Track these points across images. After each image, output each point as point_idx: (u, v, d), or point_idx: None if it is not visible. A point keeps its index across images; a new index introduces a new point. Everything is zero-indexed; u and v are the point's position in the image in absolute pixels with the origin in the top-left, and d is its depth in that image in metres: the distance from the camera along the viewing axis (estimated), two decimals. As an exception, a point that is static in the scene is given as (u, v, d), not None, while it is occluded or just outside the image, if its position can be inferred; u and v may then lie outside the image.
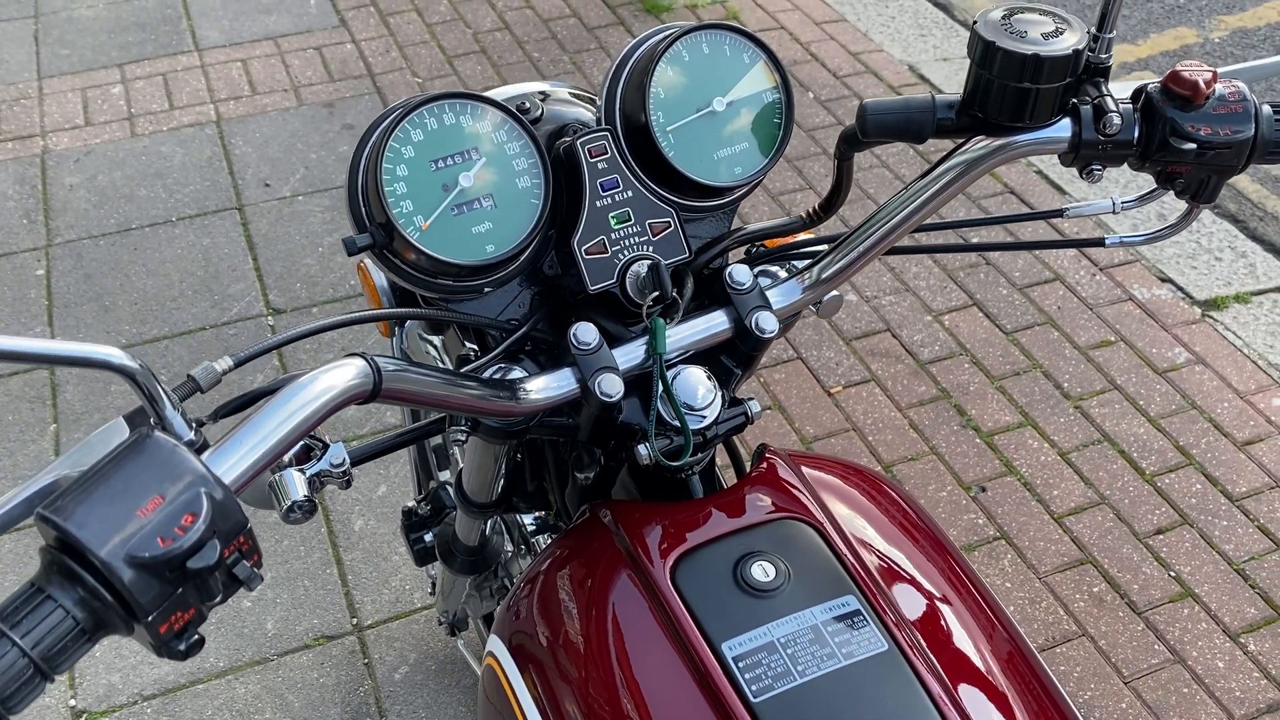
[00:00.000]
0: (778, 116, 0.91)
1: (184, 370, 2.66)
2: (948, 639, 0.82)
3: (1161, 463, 2.47)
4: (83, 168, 3.29)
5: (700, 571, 0.82)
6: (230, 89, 3.61)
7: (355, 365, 0.68)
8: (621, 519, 0.87)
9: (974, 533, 2.33)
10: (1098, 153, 0.80)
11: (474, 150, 0.84)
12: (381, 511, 2.36)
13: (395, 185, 0.81)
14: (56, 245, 3.02)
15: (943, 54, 3.78)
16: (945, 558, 0.90)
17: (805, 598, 0.80)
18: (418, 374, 0.73)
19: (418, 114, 0.82)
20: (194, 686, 2.06)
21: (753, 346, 0.88)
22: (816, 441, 2.49)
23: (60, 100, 3.56)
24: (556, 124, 0.95)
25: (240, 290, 2.89)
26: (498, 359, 0.86)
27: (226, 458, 0.61)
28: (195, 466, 0.56)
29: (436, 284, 0.85)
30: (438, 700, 2.06)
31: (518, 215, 0.84)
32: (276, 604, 2.20)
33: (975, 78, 0.80)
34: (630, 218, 0.88)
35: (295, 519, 0.81)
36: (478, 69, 3.67)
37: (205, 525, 0.55)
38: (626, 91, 0.89)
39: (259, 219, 3.11)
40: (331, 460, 0.81)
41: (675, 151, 0.88)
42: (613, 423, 0.86)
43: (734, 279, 0.88)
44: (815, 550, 0.84)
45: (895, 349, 2.73)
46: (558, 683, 0.84)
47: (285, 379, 0.66)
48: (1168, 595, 2.22)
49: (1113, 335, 2.77)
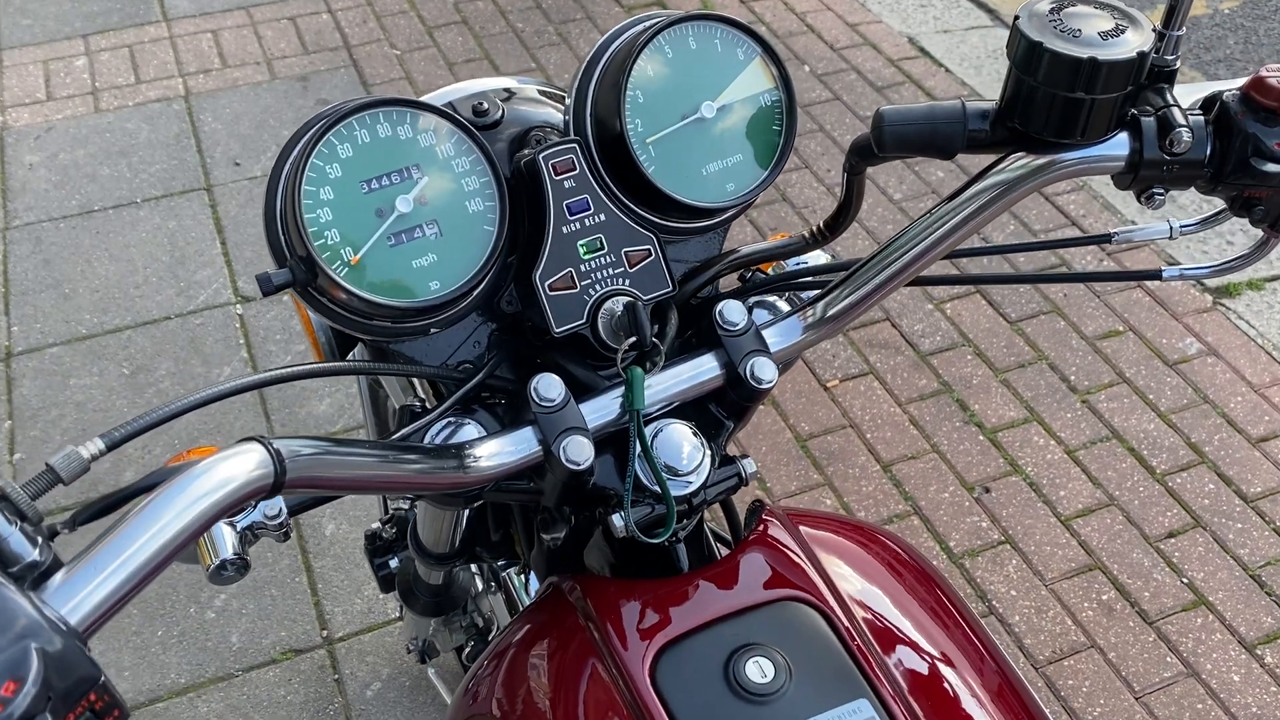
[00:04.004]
0: (777, 122, 0.78)
1: (146, 364, 2.52)
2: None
3: (1173, 461, 2.36)
4: (43, 145, 3.13)
5: (685, 668, 0.69)
6: (200, 62, 3.44)
7: (252, 454, 0.54)
8: (593, 598, 0.75)
9: (977, 537, 2.21)
10: (1161, 174, 0.67)
11: (414, 168, 0.70)
12: (354, 515, 2.23)
13: (318, 212, 0.67)
14: (14, 228, 2.87)
15: (944, 26, 3.63)
16: (964, 633, 0.78)
17: (810, 703, 0.67)
18: (339, 456, 0.60)
19: (345, 125, 0.68)
20: (152, 706, 1.95)
21: (747, 397, 0.75)
22: (812, 439, 2.37)
23: (20, 73, 3.39)
24: (521, 128, 0.82)
25: (207, 276, 2.75)
26: (447, 413, 0.73)
27: (78, 588, 0.48)
28: (23, 611, 0.43)
29: (371, 326, 0.72)
30: (411, 719, 1.95)
31: (468, 245, 0.71)
32: (242, 615, 2.08)
33: (1015, 83, 0.67)
34: (603, 245, 0.74)
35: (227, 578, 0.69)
36: (459, 40, 3.51)
37: (35, 692, 0.42)
38: (599, 95, 0.75)
39: (228, 200, 2.96)
40: (266, 511, 0.69)
41: (656, 167, 0.74)
42: (584, 488, 0.73)
43: (725, 318, 0.75)
44: (821, 640, 0.71)
45: (895, 339, 2.60)
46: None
47: (163, 472, 0.53)
48: (1180, 603, 2.11)
49: (1121, 325, 2.65)
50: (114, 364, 2.53)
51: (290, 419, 2.40)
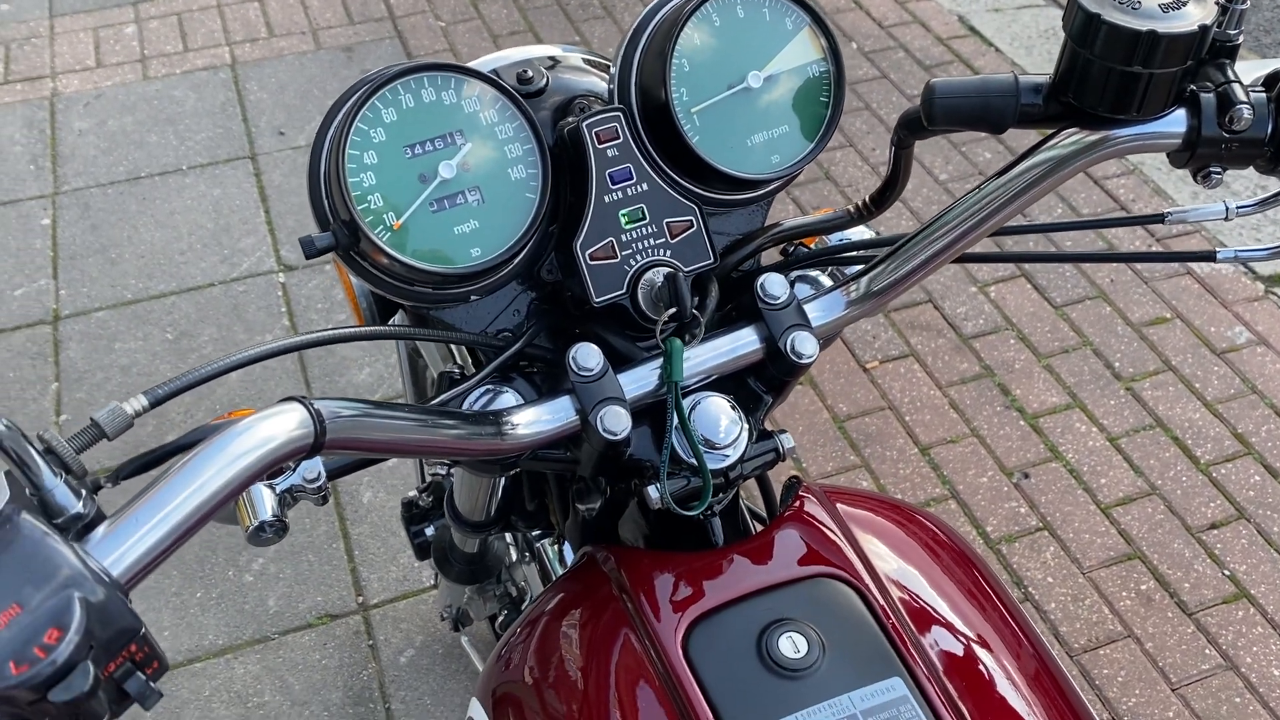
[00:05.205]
0: (825, 94, 0.77)
1: (190, 330, 2.55)
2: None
3: (1218, 451, 2.32)
4: (92, 111, 3.17)
5: (718, 642, 0.69)
6: (247, 30, 3.46)
7: (293, 414, 0.55)
8: (627, 569, 0.74)
9: (1015, 522, 2.19)
10: (1219, 152, 0.65)
11: (458, 133, 0.70)
12: (391, 484, 2.25)
13: (362, 176, 0.67)
14: (64, 193, 2.91)
15: (995, 4, 3.56)
16: (1002, 617, 0.77)
17: (843, 680, 0.67)
18: (377, 418, 0.60)
19: (390, 89, 0.68)
20: (190, 665, 1.98)
21: (786, 372, 0.74)
22: (850, 420, 2.35)
23: (71, 40, 3.43)
24: (565, 96, 0.81)
25: (251, 245, 2.77)
26: (486, 380, 0.73)
27: (119, 541, 0.48)
28: (67, 561, 0.44)
29: (413, 292, 0.72)
30: (444, 687, 1.97)
31: (509, 212, 0.70)
32: (279, 579, 2.11)
33: (1071, 56, 0.65)
34: (644, 216, 0.74)
35: (265, 540, 0.70)
36: (503, 12, 3.50)
37: (77, 640, 0.42)
38: (645, 63, 0.74)
39: (272, 169, 2.98)
40: (305, 474, 0.69)
41: (701, 137, 0.73)
42: (620, 459, 0.73)
43: (766, 291, 0.74)
44: (855, 618, 0.71)
45: (937, 322, 2.57)
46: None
47: (205, 429, 0.54)
48: (1221, 595, 2.08)
49: (1168, 312, 2.60)
50: (158, 329, 2.56)
51: (330, 387, 2.42)
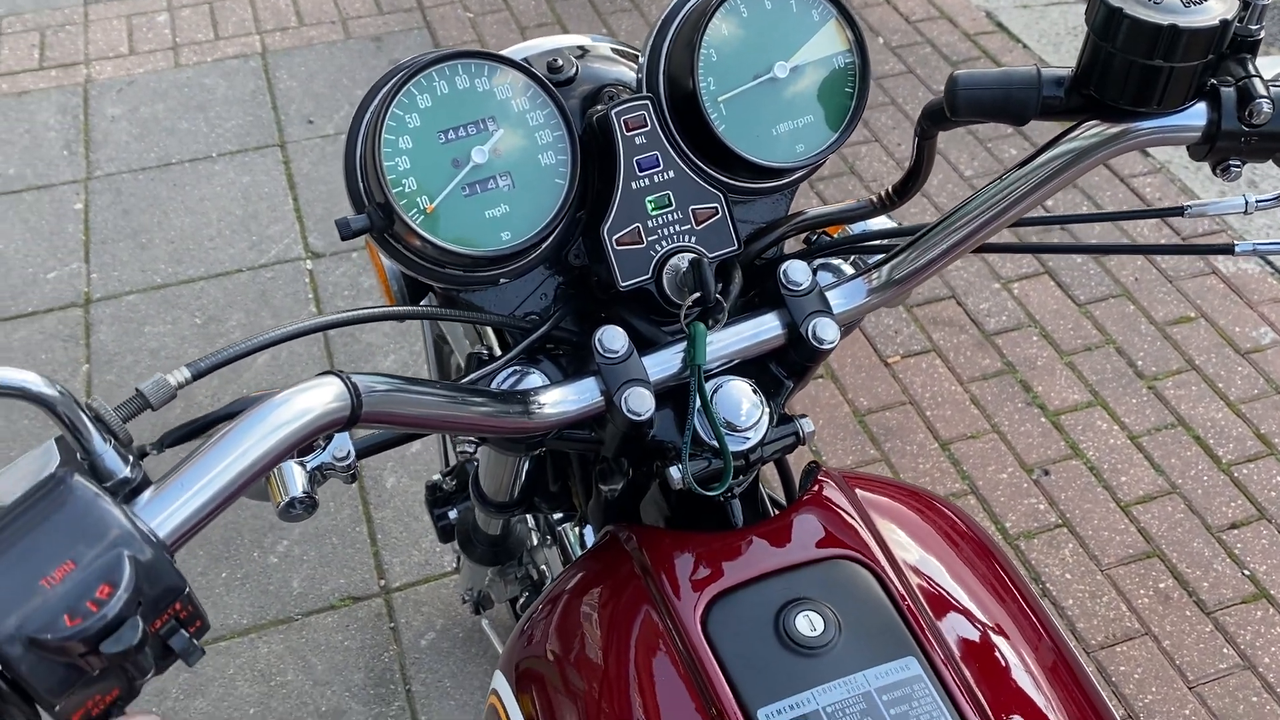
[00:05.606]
0: (850, 85, 0.78)
1: (218, 315, 2.59)
2: (1018, 706, 0.71)
3: (1240, 451, 2.31)
4: (125, 98, 3.21)
5: (736, 619, 0.71)
6: (277, 20, 3.49)
7: (331, 387, 0.57)
8: (648, 547, 0.76)
9: (1034, 519, 2.20)
10: (1238, 145, 0.66)
11: (490, 120, 0.72)
12: (415, 469, 2.28)
13: (397, 160, 0.69)
14: (96, 178, 2.95)
15: (1023, 1, 3.55)
16: (1018, 605, 0.78)
17: (858, 658, 0.68)
18: (411, 394, 0.62)
19: (425, 75, 0.70)
20: (216, 644, 2.01)
21: (808, 357, 0.76)
22: (870, 415, 2.36)
23: (105, 27, 3.47)
24: (594, 85, 0.83)
25: (279, 231, 2.80)
26: (514, 361, 0.74)
27: (165, 504, 0.51)
28: (118, 521, 0.46)
29: (444, 274, 0.74)
30: (464, 669, 1.99)
31: (539, 197, 0.72)
32: (303, 561, 2.14)
33: (1093, 50, 0.66)
34: (670, 202, 0.75)
35: (295, 515, 0.72)
36: (531, 4, 3.52)
37: (126, 596, 0.44)
38: (673, 52, 0.76)
39: (301, 157, 3.01)
40: (335, 453, 0.71)
41: (727, 125, 0.75)
42: (643, 440, 0.75)
43: (789, 277, 0.75)
44: (871, 598, 0.72)
45: (959, 317, 2.58)
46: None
47: (247, 401, 0.56)
48: (1240, 595, 2.08)
49: (1193, 311, 2.59)
50: (187, 313, 2.59)
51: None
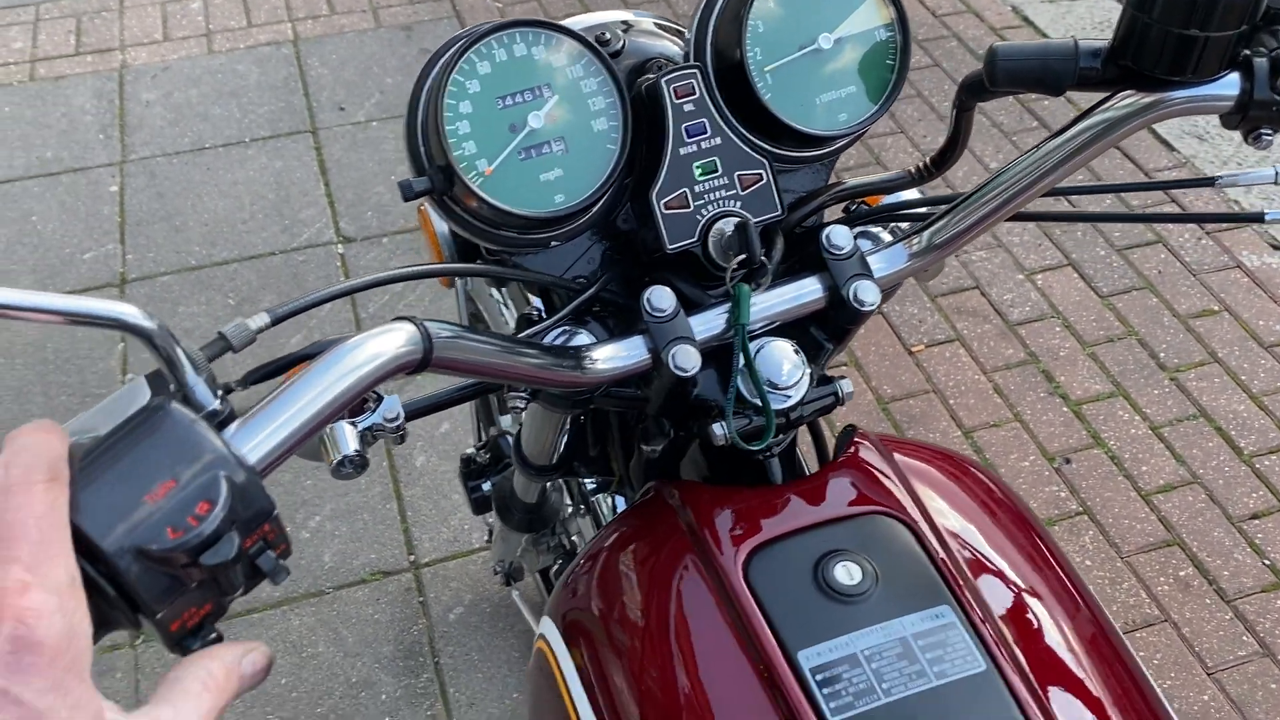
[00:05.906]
0: (891, 58, 0.81)
1: (251, 296, 2.63)
2: (1051, 660, 0.73)
3: (1262, 443, 2.32)
4: (159, 84, 3.26)
5: (776, 568, 0.74)
6: (309, 7, 3.54)
7: (404, 331, 0.60)
8: (690, 502, 0.79)
9: (1055, 506, 2.22)
10: (1270, 115, 0.69)
11: (546, 87, 0.75)
12: (444, 449, 2.31)
13: (458, 124, 0.72)
14: (131, 162, 3.00)
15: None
16: (1049, 563, 0.81)
17: (894, 606, 0.71)
18: (473, 341, 0.65)
19: (485, 44, 0.73)
20: (248, 615, 2.06)
21: (849, 319, 0.78)
22: (894, 402, 2.39)
23: (140, 14, 3.52)
24: (639, 58, 0.86)
25: (311, 216, 2.84)
26: (563, 321, 0.78)
27: (253, 434, 0.54)
28: (214, 445, 0.49)
29: (499, 235, 0.77)
30: (491, 644, 2.03)
31: (591, 162, 0.75)
32: (335, 536, 2.18)
33: (1129, 21, 0.69)
34: (717, 168, 0.78)
35: (346, 474, 0.75)
36: (560, -5, 3.55)
37: (223, 514, 0.48)
38: (721, 23, 0.79)
39: (332, 143, 3.05)
40: (385, 414, 0.74)
41: (773, 94, 0.77)
42: (686, 398, 0.78)
43: (831, 242, 0.78)
44: (907, 551, 0.75)
45: (983, 308, 2.60)
46: (613, 675, 0.77)
47: (325, 343, 0.59)
48: (1260, 584, 2.09)
49: (1216, 304, 2.60)
50: (220, 295, 2.64)
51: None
